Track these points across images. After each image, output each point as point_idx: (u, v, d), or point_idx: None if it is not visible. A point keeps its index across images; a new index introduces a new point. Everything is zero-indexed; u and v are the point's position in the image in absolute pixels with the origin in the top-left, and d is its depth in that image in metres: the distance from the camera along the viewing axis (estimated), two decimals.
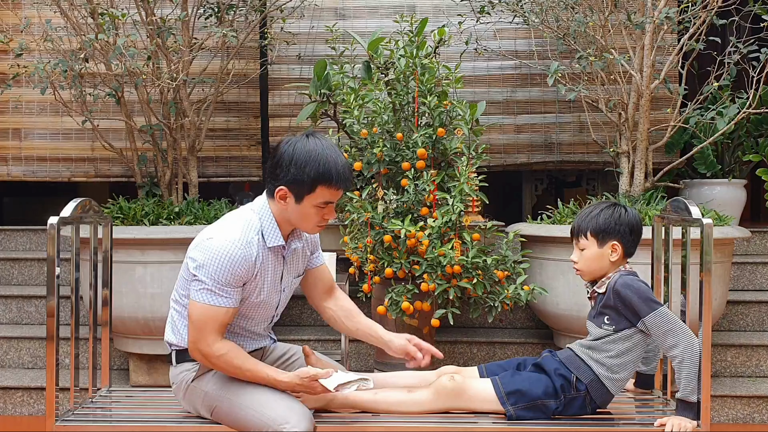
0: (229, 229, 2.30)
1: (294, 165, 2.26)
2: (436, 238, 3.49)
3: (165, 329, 2.48)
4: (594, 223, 2.50)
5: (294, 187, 2.28)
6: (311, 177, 2.25)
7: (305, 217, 2.32)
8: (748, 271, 4.73)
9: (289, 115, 5.13)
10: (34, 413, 4.03)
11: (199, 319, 2.27)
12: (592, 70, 4.18)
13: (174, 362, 2.45)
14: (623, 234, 2.49)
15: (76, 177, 5.17)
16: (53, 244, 2.39)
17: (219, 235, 2.29)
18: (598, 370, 2.45)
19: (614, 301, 2.44)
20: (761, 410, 3.92)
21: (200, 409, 2.42)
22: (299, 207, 2.30)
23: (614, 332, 2.45)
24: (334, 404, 2.46)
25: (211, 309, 2.26)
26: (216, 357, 2.28)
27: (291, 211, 2.32)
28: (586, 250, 2.51)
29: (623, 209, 2.52)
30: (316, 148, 2.27)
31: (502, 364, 2.60)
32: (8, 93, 4.69)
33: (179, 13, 4.18)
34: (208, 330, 2.27)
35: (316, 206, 2.30)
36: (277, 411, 2.25)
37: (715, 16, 4.11)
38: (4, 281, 4.92)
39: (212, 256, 2.25)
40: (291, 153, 2.27)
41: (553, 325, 4.06)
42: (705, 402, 2.40)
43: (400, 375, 2.61)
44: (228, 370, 2.31)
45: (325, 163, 2.25)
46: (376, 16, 5.16)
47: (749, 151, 5.05)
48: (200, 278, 2.26)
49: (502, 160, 5.15)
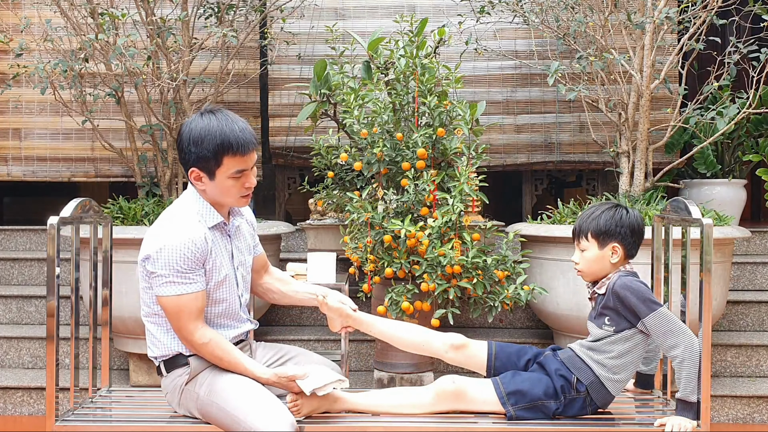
0: (171, 221, 2.34)
1: (193, 144, 2.29)
2: (436, 238, 3.49)
3: (147, 347, 2.48)
4: (595, 224, 2.49)
5: (202, 165, 2.31)
6: (212, 150, 2.28)
7: (225, 191, 2.35)
8: (748, 271, 4.73)
9: (289, 115, 5.13)
10: (34, 413, 4.03)
11: (173, 312, 2.30)
12: (592, 70, 4.18)
13: (165, 372, 2.44)
14: (624, 236, 2.48)
15: (76, 177, 5.17)
16: (53, 244, 2.39)
17: (163, 229, 2.32)
18: (598, 371, 2.45)
19: (614, 302, 2.44)
20: (761, 410, 3.92)
21: (194, 412, 2.42)
22: (215, 183, 2.33)
23: (615, 333, 2.45)
24: (335, 410, 2.46)
25: (181, 298, 2.29)
26: (200, 345, 2.32)
27: (210, 189, 2.35)
28: (587, 252, 2.51)
29: (624, 211, 2.51)
30: (210, 122, 2.29)
31: (512, 351, 2.58)
32: (8, 93, 4.69)
33: (179, 13, 4.18)
34: (185, 319, 2.30)
35: (231, 177, 2.32)
36: (260, 417, 2.24)
37: (715, 16, 4.11)
38: (4, 281, 4.92)
39: (164, 248, 2.27)
40: (188, 134, 2.31)
41: (553, 325, 4.06)
42: (705, 402, 2.39)
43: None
44: (212, 359, 2.35)
45: (221, 134, 2.27)
46: (376, 16, 5.16)
47: (749, 151, 5.05)
48: (159, 273, 2.28)
49: (502, 160, 5.15)
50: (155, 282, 2.31)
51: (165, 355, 2.42)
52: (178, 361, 2.40)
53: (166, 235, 2.30)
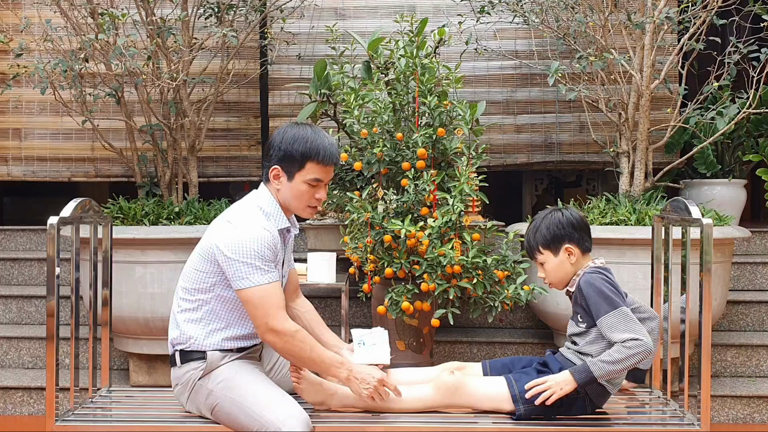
0: (248, 213, 2.41)
1: (284, 143, 2.43)
2: (436, 238, 3.49)
3: (168, 329, 2.50)
4: (540, 236, 2.54)
5: (285, 164, 2.43)
6: (300, 152, 2.41)
7: (298, 196, 2.44)
8: (748, 271, 4.73)
9: (289, 115, 5.13)
10: (34, 413, 4.03)
11: (261, 301, 2.32)
12: (592, 70, 4.18)
13: (178, 362, 2.44)
14: (570, 235, 2.52)
15: (76, 177, 5.17)
16: (53, 244, 2.39)
17: (242, 219, 2.38)
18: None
19: (579, 298, 2.47)
20: (761, 410, 3.92)
21: (203, 408, 2.42)
22: (291, 184, 2.44)
23: (587, 329, 2.46)
24: (334, 400, 2.46)
25: (268, 287, 2.32)
26: (292, 332, 2.33)
27: (284, 190, 2.45)
28: (546, 264, 2.55)
29: (559, 213, 2.56)
30: (305, 130, 2.45)
31: (505, 362, 2.60)
32: (8, 93, 4.69)
33: (179, 13, 4.18)
34: (275, 306, 2.32)
35: (307, 183, 2.43)
36: (276, 414, 2.27)
37: (715, 16, 4.11)
38: (4, 281, 4.92)
39: (246, 241, 2.32)
40: (281, 135, 2.45)
41: (553, 325, 4.06)
42: (705, 402, 2.40)
43: (404, 371, 2.63)
44: (298, 349, 2.33)
45: (313, 140, 2.42)
46: (376, 16, 5.16)
47: (749, 151, 5.05)
48: (243, 261, 2.31)
49: (502, 160, 5.15)
50: (238, 271, 2.32)
51: (184, 344, 2.43)
52: (196, 354, 2.41)
53: (247, 224, 2.36)
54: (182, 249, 3.79)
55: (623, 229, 3.68)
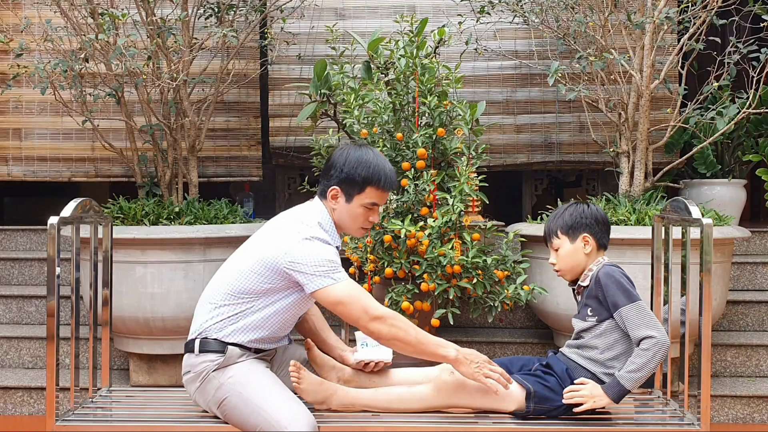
0: (315, 230, 2.43)
1: (347, 165, 2.48)
2: (436, 238, 3.49)
3: (193, 317, 2.53)
4: (561, 221, 2.59)
5: (346, 186, 2.48)
6: (362, 176, 2.47)
7: (354, 217, 2.50)
8: (748, 271, 4.73)
9: (289, 115, 5.13)
10: (34, 413, 4.03)
11: (353, 297, 2.35)
12: (592, 70, 4.18)
13: (197, 350, 2.44)
14: (591, 225, 2.57)
15: (76, 177, 5.18)
16: (53, 244, 2.39)
17: (310, 229, 2.41)
18: (593, 369, 2.47)
19: (596, 289, 2.49)
20: (761, 410, 3.92)
21: (210, 401, 2.43)
22: (349, 206, 2.49)
23: (597, 323, 2.48)
24: (334, 400, 2.47)
25: (350, 282, 2.38)
26: (393, 315, 2.36)
27: (341, 211, 2.50)
28: (561, 249, 2.59)
29: (586, 205, 2.62)
30: (367, 154, 2.50)
31: (504, 361, 2.61)
32: (8, 93, 4.69)
33: (179, 13, 4.18)
34: (367, 299, 2.36)
35: (364, 206, 2.49)
36: (282, 414, 2.30)
37: (715, 16, 4.11)
38: (4, 281, 4.92)
39: (317, 250, 2.36)
40: (345, 156, 2.49)
41: (553, 325, 4.06)
42: (705, 402, 2.40)
43: (404, 371, 2.63)
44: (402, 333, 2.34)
45: (375, 166, 2.48)
46: (376, 16, 5.16)
47: (749, 151, 5.05)
48: (321, 267, 2.34)
49: (502, 160, 5.15)
50: (320, 282, 2.34)
51: (208, 335, 2.43)
52: (216, 345, 2.42)
53: (315, 234, 2.40)
54: (182, 249, 3.79)
55: (623, 229, 3.68)
